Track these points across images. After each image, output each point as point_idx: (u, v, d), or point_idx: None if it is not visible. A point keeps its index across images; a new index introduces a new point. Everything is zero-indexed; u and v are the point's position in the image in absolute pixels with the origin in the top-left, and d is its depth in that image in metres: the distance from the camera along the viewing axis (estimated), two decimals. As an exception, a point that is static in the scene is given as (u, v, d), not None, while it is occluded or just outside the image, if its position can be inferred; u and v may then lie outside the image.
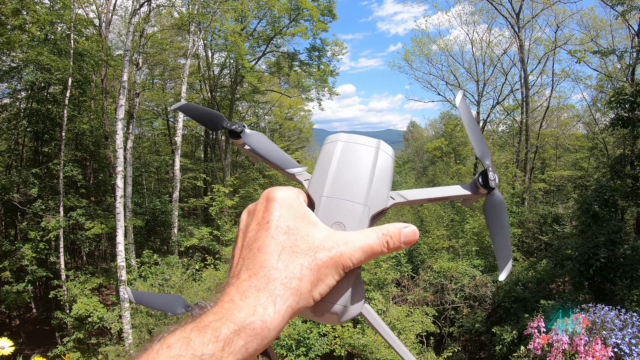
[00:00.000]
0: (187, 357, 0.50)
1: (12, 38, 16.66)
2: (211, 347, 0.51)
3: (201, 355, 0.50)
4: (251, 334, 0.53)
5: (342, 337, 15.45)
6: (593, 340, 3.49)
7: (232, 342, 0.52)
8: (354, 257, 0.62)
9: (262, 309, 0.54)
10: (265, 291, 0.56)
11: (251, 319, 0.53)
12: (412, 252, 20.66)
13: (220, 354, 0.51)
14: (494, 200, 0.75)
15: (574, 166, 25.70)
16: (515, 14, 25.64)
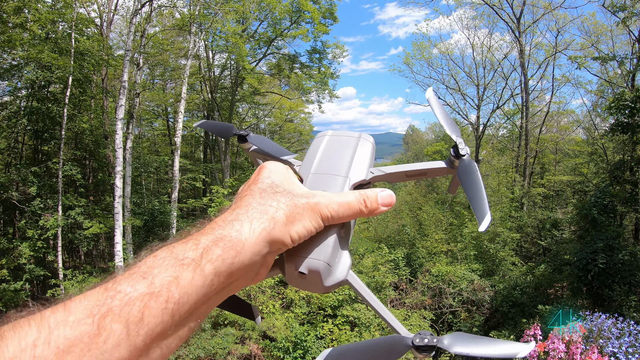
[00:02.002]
0: (169, 260, 0.54)
1: (14, 36, 16.66)
2: (191, 253, 0.55)
3: (182, 259, 0.54)
4: (228, 245, 0.57)
5: (340, 340, 15.44)
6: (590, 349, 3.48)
7: (210, 251, 0.56)
8: (331, 208, 0.67)
9: (239, 225, 0.60)
10: (244, 215, 0.61)
11: (229, 232, 0.58)
12: (410, 255, 20.64)
13: (199, 259, 0.55)
14: (465, 165, 0.79)
15: (574, 171, 25.70)
16: (516, 18, 25.66)
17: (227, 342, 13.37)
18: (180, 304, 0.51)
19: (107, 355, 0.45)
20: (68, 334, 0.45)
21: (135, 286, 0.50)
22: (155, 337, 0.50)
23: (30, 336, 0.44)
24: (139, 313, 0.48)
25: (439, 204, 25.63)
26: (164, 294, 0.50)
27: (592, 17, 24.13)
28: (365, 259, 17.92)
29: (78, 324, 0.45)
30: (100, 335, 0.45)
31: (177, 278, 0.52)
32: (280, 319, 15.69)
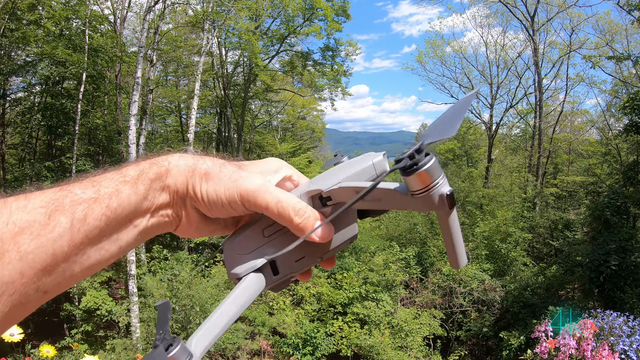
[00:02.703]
0: (116, 176, 0.60)
1: (28, 33, 16.85)
2: (132, 172, 0.61)
3: (124, 175, 0.60)
4: (158, 170, 0.62)
5: (349, 338, 15.47)
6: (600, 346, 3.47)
7: (145, 172, 0.61)
8: (259, 194, 0.63)
9: (174, 159, 0.64)
10: (186, 155, 0.65)
11: (163, 161, 0.63)
12: (421, 254, 20.60)
13: (136, 179, 0.60)
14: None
15: (587, 172, 25.49)
16: (530, 16, 25.48)
17: (237, 337, 13.44)
18: (116, 214, 0.57)
19: (52, 242, 0.52)
20: (25, 218, 0.51)
21: (84, 190, 0.56)
22: (91, 239, 0.56)
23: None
24: (83, 213, 0.54)
25: (451, 203, 25.52)
26: (105, 201, 0.56)
27: (606, 15, 23.91)
28: (377, 257, 17.92)
29: (34, 211, 0.52)
30: (49, 225, 0.52)
31: (118, 191, 0.58)
32: (290, 315, 15.77)
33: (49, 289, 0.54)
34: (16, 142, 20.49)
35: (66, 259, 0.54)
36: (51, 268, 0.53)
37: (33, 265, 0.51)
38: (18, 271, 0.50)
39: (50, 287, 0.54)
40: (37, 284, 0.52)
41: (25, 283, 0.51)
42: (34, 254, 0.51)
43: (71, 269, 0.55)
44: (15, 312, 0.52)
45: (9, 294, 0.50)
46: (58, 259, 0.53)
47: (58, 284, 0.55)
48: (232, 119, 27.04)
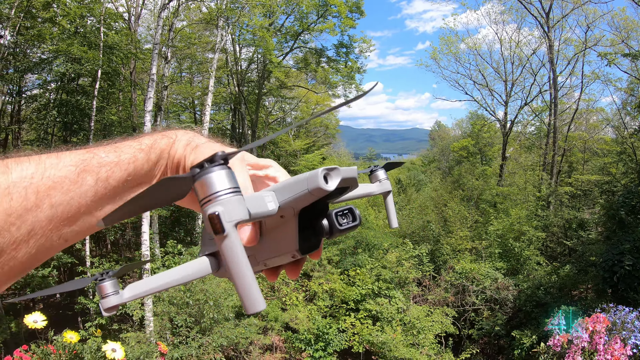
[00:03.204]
0: (134, 143, 0.68)
1: (43, 31, 17.02)
2: (147, 140, 0.69)
3: (141, 144, 0.68)
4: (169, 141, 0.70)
5: (361, 334, 15.52)
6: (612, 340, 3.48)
7: (157, 143, 0.69)
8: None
9: (182, 134, 0.73)
10: (197, 134, 0.75)
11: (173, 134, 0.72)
12: (434, 252, 20.59)
13: (150, 148, 0.68)
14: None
15: (602, 171, 25.22)
16: (545, 13, 25.25)
17: (250, 332, 13.53)
18: (132, 177, 0.66)
19: (78, 197, 0.60)
20: (57, 174, 0.59)
21: (108, 154, 0.64)
22: (109, 197, 0.64)
23: (30, 169, 0.58)
24: (106, 174, 0.63)
25: (464, 200, 25.46)
26: (125, 165, 0.65)
27: (622, 12, 23.60)
28: (390, 254, 17.93)
29: (65, 168, 0.60)
30: (78, 181, 0.60)
31: (135, 157, 0.66)
32: (303, 311, 15.83)
33: (69, 238, 0.62)
34: (32, 138, 20.74)
35: (88, 212, 0.62)
36: (74, 219, 0.61)
37: (60, 215, 0.59)
38: (48, 218, 0.58)
39: (70, 236, 0.62)
40: (61, 232, 0.60)
41: (52, 229, 0.59)
42: (62, 206, 0.59)
43: (90, 221, 0.63)
44: (40, 255, 0.60)
45: (37, 237, 0.58)
46: (81, 211, 0.61)
47: (77, 233, 0.63)
48: (246, 116, 27.14)
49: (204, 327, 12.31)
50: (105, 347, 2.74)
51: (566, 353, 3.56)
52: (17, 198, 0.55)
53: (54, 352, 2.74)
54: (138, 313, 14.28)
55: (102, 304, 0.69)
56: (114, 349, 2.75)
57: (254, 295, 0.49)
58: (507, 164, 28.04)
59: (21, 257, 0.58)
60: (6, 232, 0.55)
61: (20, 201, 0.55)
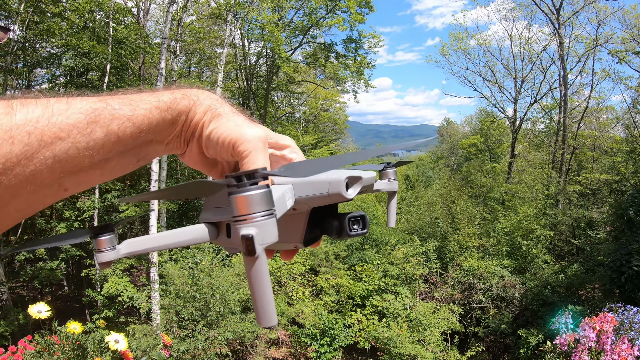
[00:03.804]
0: (151, 98, 0.63)
1: (52, 25, 17.12)
2: (166, 97, 0.65)
3: (159, 100, 0.64)
4: (189, 102, 0.66)
5: (367, 330, 15.53)
6: (619, 340, 3.46)
7: (177, 102, 0.65)
8: (245, 143, 0.63)
9: (204, 95, 0.68)
10: (219, 98, 0.70)
11: (195, 93, 0.68)
12: (442, 249, 20.56)
13: (169, 106, 0.64)
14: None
15: (611, 170, 25.03)
16: (556, 10, 25.07)
17: (256, 326, 13.56)
18: (144, 134, 0.62)
19: (84, 148, 0.56)
20: (65, 121, 0.55)
21: (122, 107, 0.60)
22: (117, 151, 0.60)
23: (36, 113, 0.53)
24: (117, 127, 0.59)
25: (472, 198, 25.39)
26: (138, 121, 0.61)
27: (633, 9, 23.35)
28: (397, 250, 17.92)
29: (74, 116, 0.55)
30: (86, 132, 0.56)
31: (150, 113, 0.62)
32: (309, 306, 15.86)
33: (69, 187, 0.59)
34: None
35: (92, 166, 0.59)
36: (77, 170, 0.57)
37: (63, 166, 0.55)
38: (49, 168, 0.54)
39: (71, 185, 0.59)
40: (61, 182, 0.57)
41: (53, 179, 0.55)
42: (66, 156, 0.55)
43: (94, 173, 0.60)
44: (36, 204, 0.57)
45: (36, 185, 0.54)
46: (85, 163, 0.57)
47: (79, 184, 0.60)
48: (254, 111, 27.16)
49: (210, 320, 12.35)
50: (109, 338, 2.75)
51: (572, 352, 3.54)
52: (18, 143, 0.51)
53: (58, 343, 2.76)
54: (145, 306, 14.37)
55: (98, 258, 0.65)
56: (117, 340, 2.76)
57: (270, 312, 0.51)
58: (515, 161, 27.92)
59: (16, 204, 0.54)
60: (4, 178, 0.51)
61: (22, 147, 0.51)
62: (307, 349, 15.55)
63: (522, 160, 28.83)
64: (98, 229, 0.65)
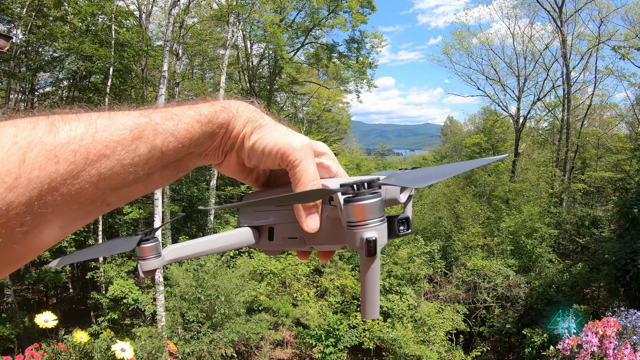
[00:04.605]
0: (192, 112, 0.63)
1: (55, 29, 17.17)
2: (206, 110, 0.65)
3: (200, 114, 0.64)
4: (228, 116, 0.66)
5: (372, 330, 15.51)
6: (622, 345, 3.46)
7: (216, 115, 0.65)
8: (295, 153, 0.65)
9: (243, 107, 0.69)
10: (258, 111, 0.71)
11: (234, 105, 0.68)
12: (446, 248, 20.51)
13: (208, 119, 0.64)
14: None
15: (615, 167, 24.96)
16: (558, 7, 25.01)
17: (261, 327, 13.58)
18: (185, 147, 0.62)
19: (129, 165, 0.56)
20: (110, 137, 0.54)
21: (165, 122, 0.60)
22: (160, 166, 0.61)
23: (79, 130, 0.52)
24: (161, 143, 0.59)
25: (476, 197, 25.34)
26: (181, 135, 0.61)
27: (636, 6, 23.25)
28: (401, 250, 17.90)
29: (117, 132, 0.55)
30: (131, 149, 0.56)
31: (192, 127, 0.62)
32: (314, 307, 15.86)
33: (112, 202, 0.58)
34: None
35: (136, 180, 0.58)
36: (122, 185, 0.57)
37: (108, 183, 0.55)
38: (94, 186, 0.53)
39: (114, 200, 0.58)
40: (104, 197, 0.56)
41: (96, 196, 0.55)
42: (112, 172, 0.54)
43: (137, 187, 0.60)
44: (78, 220, 0.56)
45: (80, 203, 0.53)
46: (129, 180, 0.57)
47: (121, 198, 0.59)
48: (257, 112, 27.17)
49: (215, 322, 12.38)
50: (115, 347, 2.76)
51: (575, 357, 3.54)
52: (63, 162, 0.49)
53: (64, 351, 2.77)
54: (150, 308, 14.40)
55: (142, 266, 0.69)
56: (123, 348, 2.77)
57: (376, 306, 0.59)
58: (519, 160, 27.87)
59: (60, 222, 0.53)
60: (49, 197, 0.49)
61: (67, 165, 0.50)
62: (312, 349, 15.55)
63: (526, 158, 28.78)
64: (143, 235, 0.68)
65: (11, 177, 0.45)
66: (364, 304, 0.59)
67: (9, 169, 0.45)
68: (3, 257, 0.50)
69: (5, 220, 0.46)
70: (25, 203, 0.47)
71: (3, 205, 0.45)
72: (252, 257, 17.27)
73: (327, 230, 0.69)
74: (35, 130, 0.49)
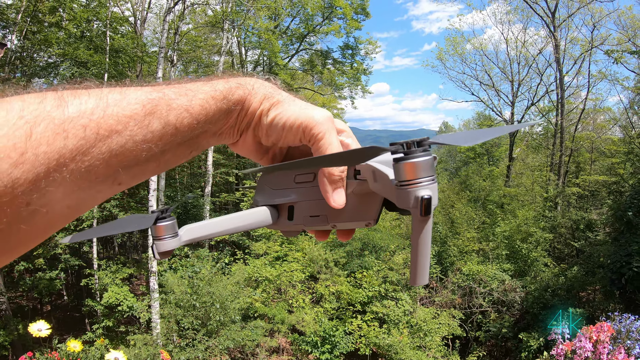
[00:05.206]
0: (207, 88, 0.62)
1: (50, 35, 17.16)
2: (221, 85, 0.63)
3: (215, 89, 0.62)
4: (245, 91, 0.65)
5: (368, 337, 15.49)
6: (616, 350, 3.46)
7: (232, 91, 0.63)
8: (318, 126, 0.64)
9: (259, 84, 0.67)
10: (271, 86, 0.69)
11: (250, 82, 0.67)
12: (441, 253, 20.51)
13: (224, 95, 0.63)
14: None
15: (610, 171, 25.05)
16: (551, 12, 25.16)
17: (257, 334, 13.55)
18: (200, 125, 0.60)
19: (141, 142, 0.54)
20: (122, 112, 0.52)
21: (179, 97, 0.58)
22: (174, 143, 0.59)
23: (89, 104, 0.50)
24: (175, 119, 0.57)
25: (471, 202, 25.37)
26: (196, 111, 0.59)
27: (628, 10, 23.42)
28: (396, 256, 17.90)
29: (129, 107, 0.53)
30: (143, 125, 0.54)
31: (207, 103, 0.60)
32: (309, 313, 15.82)
33: (123, 181, 0.56)
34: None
35: (149, 159, 0.56)
36: (134, 163, 0.55)
37: (120, 161, 0.52)
38: (106, 163, 0.51)
39: (125, 179, 0.56)
40: (116, 175, 0.54)
41: (108, 174, 0.52)
42: (124, 149, 0.52)
43: (149, 165, 0.58)
44: (88, 199, 0.53)
45: (91, 180, 0.51)
46: (142, 157, 0.55)
47: (133, 177, 0.57)
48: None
49: (211, 329, 12.33)
50: (108, 356, 2.75)
51: (569, 363, 3.54)
52: (72, 137, 0.47)
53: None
54: (145, 315, 14.35)
55: (157, 247, 0.65)
56: (116, 357, 2.76)
57: (426, 271, 0.57)
58: (514, 164, 27.94)
59: (68, 202, 0.51)
60: (57, 175, 0.47)
61: (76, 141, 0.48)
62: (308, 356, 15.51)
63: (520, 163, 28.87)
64: (159, 213, 0.64)
65: (17, 153, 0.44)
66: (415, 268, 0.57)
67: (15, 144, 0.44)
68: (8, 239, 0.47)
69: (11, 198, 0.44)
70: (32, 180, 0.45)
71: (8, 182, 0.43)
72: (247, 263, 17.22)
73: (351, 206, 0.67)
74: (43, 104, 0.47)
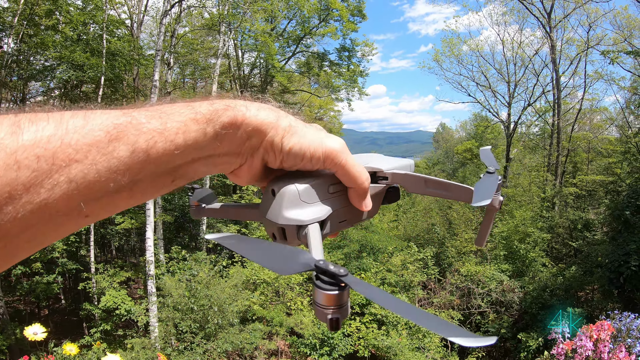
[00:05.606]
0: (185, 110, 0.56)
1: (46, 38, 17.13)
2: (204, 108, 0.58)
3: (196, 112, 0.56)
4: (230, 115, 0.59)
5: (367, 338, 15.46)
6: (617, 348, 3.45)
7: (218, 114, 0.57)
8: (340, 155, 0.67)
9: (253, 107, 0.62)
10: (266, 106, 0.65)
11: (240, 106, 0.60)
12: (439, 254, 20.51)
13: (209, 119, 0.57)
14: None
15: (606, 171, 25.10)
16: (547, 13, 25.20)
17: (255, 337, 13.51)
18: (179, 151, 0.54)
19: (106, 171, 0.49)
20: (82, 140, 0.47)
21: (150, 120, 0.52)
22: (147, 173, 0.53)
23: (47, 131, 0.46)
24: (146, 144, 0.51)
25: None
26: (171, 136, 0.53)
27: (624, 10, 23.49)
28: (394, 258, 17.89)
29: (91, 134, 0.48)
30: (107, 152, 0.48)
31: (186, 127, 0.55)
32: (308, 315, 15.78)
33: (90, 214, 0.50)
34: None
35: (118, 189, 0.51)
36: (100, 195, 0.49)
37: (83, 191, 0.48)
38: (65, 195, 0.46)
39: (93, 211, 0.50)
40: (80, 208, 0.49)
41: (70, 208, 0.48)
42: (85, 180, 0.47)
43: (120, 197, 0.52)
44: (49, 233, 0.48)
45: (49, 214, 0.46)
46: (109, 188, 0.50)
47: (102, 209, 0.51)
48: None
49: (209, 332, 12.30)
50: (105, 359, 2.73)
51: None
52: (25, 168, 0.43)
53: (54, 364, 2.73)
54: (143, 319, 14.31)
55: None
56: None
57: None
58: (511, 165, 27.98)
59: (27, 236, 0.46)
60: (10, 208, 0.43)
61: (29, 172, 0.44)
62: (307, 358, 15.47)
63: (517, 163, 28.93)
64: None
65: None
66: (485, 237, 0.88)
67: None
68: None
69: None
70: None
71: None
72: (245, 266, 17.19)
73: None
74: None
